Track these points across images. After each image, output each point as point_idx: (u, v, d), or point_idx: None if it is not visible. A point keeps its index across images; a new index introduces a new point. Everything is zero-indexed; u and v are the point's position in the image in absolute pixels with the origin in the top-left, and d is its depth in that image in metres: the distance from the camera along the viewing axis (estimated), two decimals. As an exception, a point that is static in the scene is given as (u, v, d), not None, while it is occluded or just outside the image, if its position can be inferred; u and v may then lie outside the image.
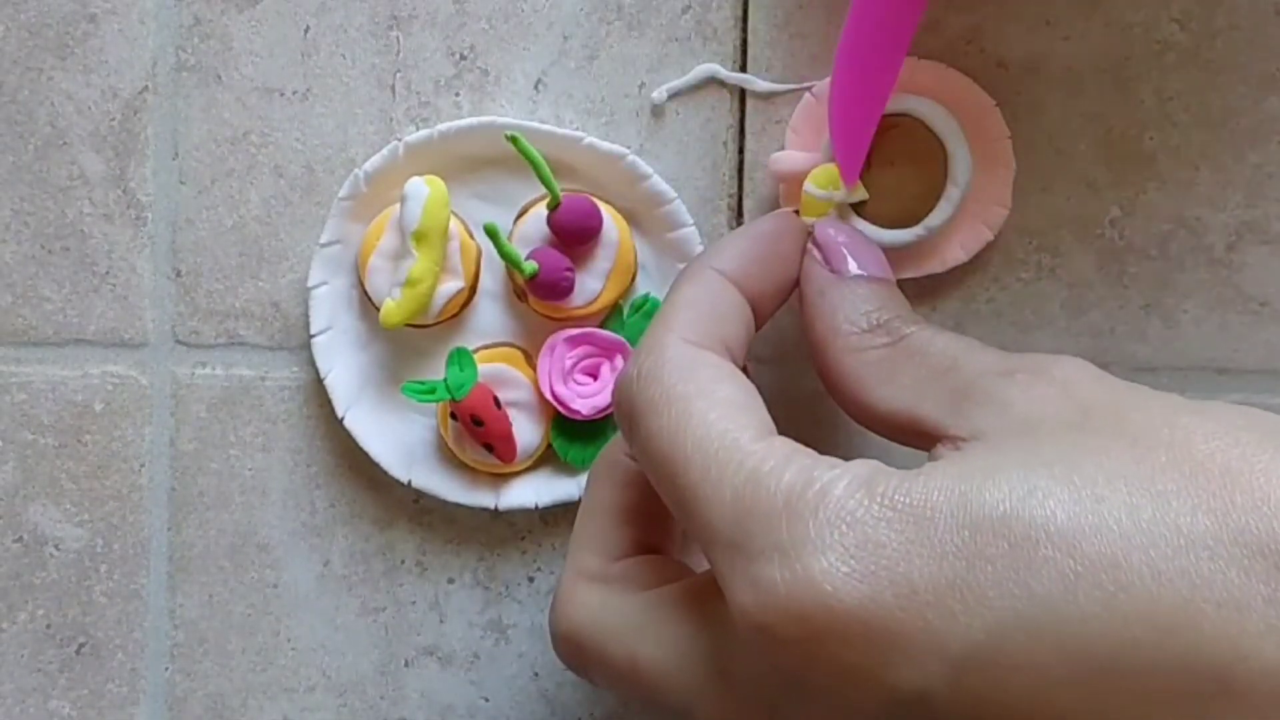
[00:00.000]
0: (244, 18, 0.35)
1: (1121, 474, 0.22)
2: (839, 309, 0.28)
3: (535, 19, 0.34)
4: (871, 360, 0.27)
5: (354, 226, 0.34)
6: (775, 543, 0.23)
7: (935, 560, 0.22)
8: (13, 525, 0.36)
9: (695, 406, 0.25)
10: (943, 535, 0.22)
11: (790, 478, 0.23)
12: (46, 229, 0.35)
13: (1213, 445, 0.22)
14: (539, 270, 0.32)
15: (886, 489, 0.23)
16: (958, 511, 0.22)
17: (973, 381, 0.26)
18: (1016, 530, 0.21)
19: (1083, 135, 0.33)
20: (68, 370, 0.36)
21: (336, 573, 0.36)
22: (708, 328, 0.28)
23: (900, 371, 0.27)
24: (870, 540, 0.22)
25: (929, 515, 0.22)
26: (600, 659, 0.27)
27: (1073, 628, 0.21)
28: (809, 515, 0.23)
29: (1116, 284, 0.34)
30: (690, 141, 0.34)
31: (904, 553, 0.22)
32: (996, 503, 0.22)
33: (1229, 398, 0.34)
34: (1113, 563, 0.21)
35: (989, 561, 0.21)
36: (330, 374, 0.34)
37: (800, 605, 0.22)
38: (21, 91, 0.35)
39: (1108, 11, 0.33)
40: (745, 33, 0.34)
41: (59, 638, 0.36)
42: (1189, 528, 0.21)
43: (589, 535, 0.30)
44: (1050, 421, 0.24)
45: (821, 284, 0.29)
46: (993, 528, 0.22)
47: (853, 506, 0.22)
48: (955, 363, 0.26)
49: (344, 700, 0.36)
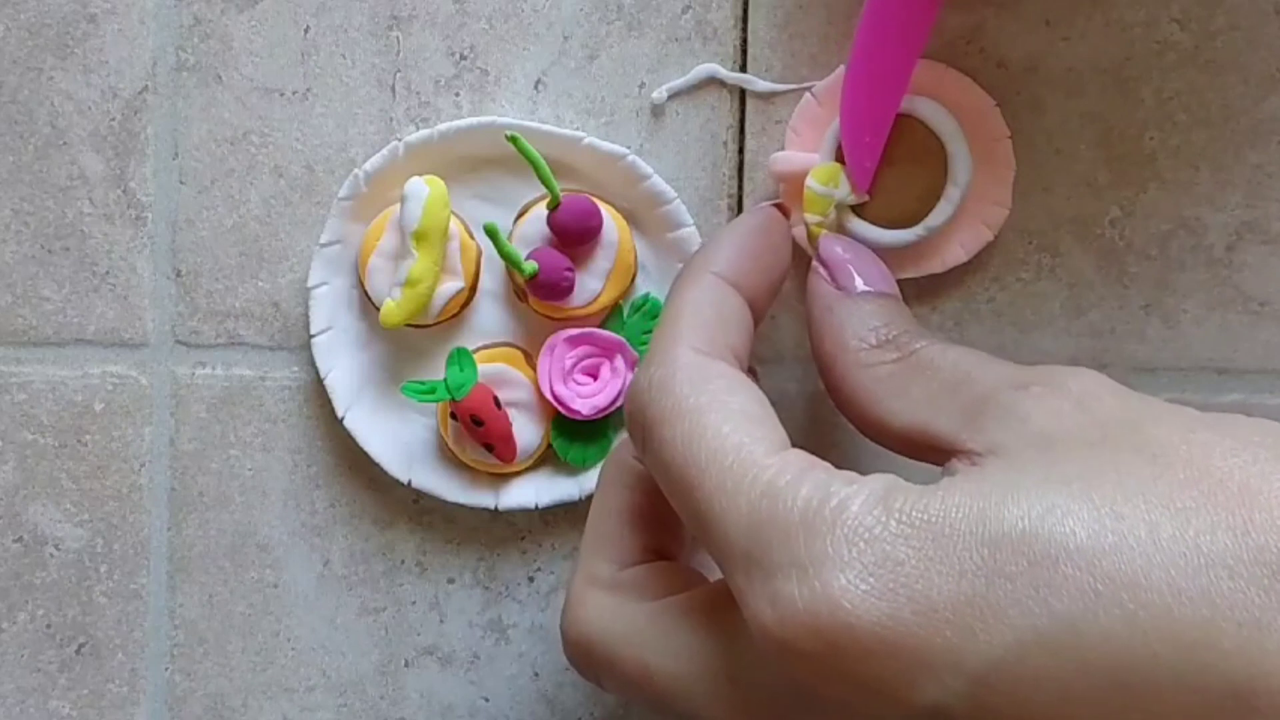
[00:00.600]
0: (244, 18, 0.35)
1: (1140, 491, 0.22)
2: (847, 325, 0.28)
3: (535, 19, 0.34)
4: (882, 376, 0.27)
5: (354, 226, 0.34)
6: (793, 558, 0.23)
7: (954, 577, 0.22)
8: (13, 525, 0.36)
9: (708, 419, 0.25)
10: (961, 552, 0.22)
11: (806, 492, 0.23)
12: (46, 229, 0.35)
13: (1231, 462, 0.22)
14: (539, 270, 0.32)
15: (904, 505, 0.23)
16: (976, 528, 0.22)
17: (987, 395, 0.25)
18: (1036, 547, 0.21)
19: (1083, 135, 0.33)
20: (68, 370, 0.36)
21: (336, 573, 0.36)
22: (715, 335, 0.28)
23: (911, 386, 0.27)
24: (888, 557, 0.22)
25: (947, 532, 0.22)
26: (611, 667, 0.27)
27: (1093, 645, 0.21)
28: (826, 531, 0.23)
29: (1116, 284, 0.34)
30: (690, 141, 0.34)
31: (922, 570, 0.22)
32: (1016, 520, 0.22)
33: (1229, 398, 0.34)
34: (1133, 581, 0.21)
35: (1008, 579, 0.21)
36: (330, 374, 0.34)
37: (819, 622, 0.22)
38: (21, 91, 0.35)
39: (1108, 11, 0.33)
40: (745, 33, 0.34)
41: (59, 638, 0.36)
42: (1209, 546, 0.21)
43: (599, 540, 0.30)
44: (1067, 437, 0.24)
45: (828, 301, 0.29)
46: (1012, 545, 0.22)
47: (870, 523, 0.22)
48: (967, 376, 0.26)
49: (344, 700, 0.36)
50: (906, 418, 0.27)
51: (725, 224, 0.34)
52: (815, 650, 0.22)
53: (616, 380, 0.34)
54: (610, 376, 0.34)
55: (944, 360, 0.27)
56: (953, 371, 0.27)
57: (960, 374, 0.26)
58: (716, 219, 0.34)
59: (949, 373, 0.27)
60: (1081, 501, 0.22)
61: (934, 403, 0.26)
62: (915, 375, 0.27)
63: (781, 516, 0.23)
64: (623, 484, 0.30)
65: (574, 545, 0.35)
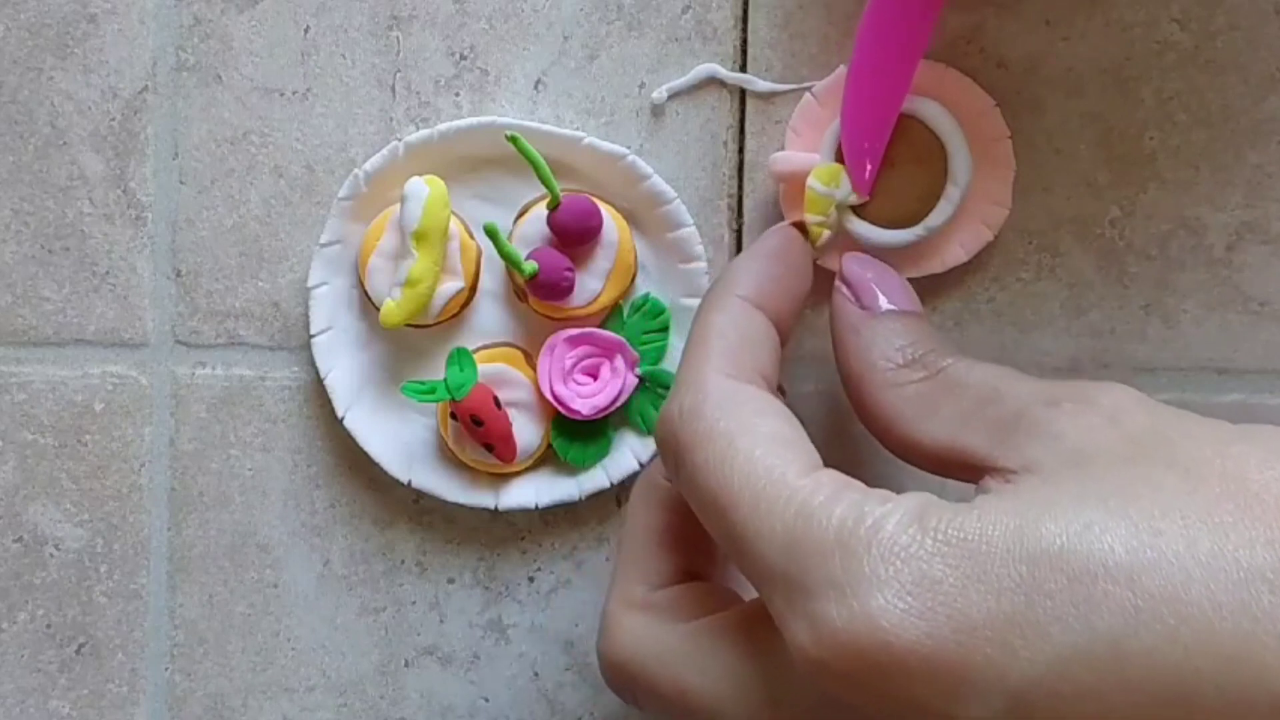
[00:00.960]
0: (244, 18, 0.35)
1: (1177, 506, 0.22)
2: (873, 345, 0.28)
3: (535, 19, 0.34)
4: (910, 395, 0.27)
5: (354, 226, 0.34)
6: (830, 579, 0.23)
7: (993, 595, 0.22)
8: (13, 525, 0.36)
9: (740, 443, 0.25)
10: (1000, 570, 0.22)
11: (841, 512, 0.23)
12: (46, 229, 0.35)
13: (1267, 475, 0.22)
14: (539, 270, 0.32)
15: (939, 523, 0.23)
16: (1014, 546, 0.22)
17: (1019, 412, 0.26)
18: (1075, 564, 0.22)
19: (1083, 135, 0.33)
20: (68, 370, 0.36)
21: (336, 573, 0.36)
22: (743, 359, 0.28)
23: (941, 405, 0.27)
24: (926, 576, 0.22)
25: (985, 550, 0.22)
26: (649, 688, 0.27)
27: (1135, 661, 0.21)
28: (863, 551, 0.23)
29: (1116, 284, 0.34)
30: (690, 141, 0.34)
31: (961, 588, 0.22)
32: (1054, 537, 0.22)
33: (1229, 398, 0.34)
34: (1173, 596, 0.21)
35: (1048, 596, 0.21)
36: (330, 374, 0.34)
37: (859, 642, 0.22)
38: (21, 91, 0.35)
39: (1108, 11, 0.33)
40: (745, 33, 0.34)
41: (59, 638, 0.36)
42: (1248, 561, 0.21)
43: (633, 561, 0.30)
44: (1101, 453, 0.24)
45: (853, 321, 0.29)
46: (1051, 562, 0.22)
47: (906, 541, 0.23)
48: (997, 393, 0.26)
49: (344, 700, 0.36)
50: (938, 436, 0.27)
51: (725, 224, 0.34)
52: (855, 670, 0.22)
53: (616, 380, 0.34)
54: (610, 376, 0.34)
55: (972, 378, 0.27)
56: (982, 389, 0.27)
57: (989, 391, 0.26)
58: (716, 219, 0.34)
59: (978, 390, 0.27)
60: (1119, 518, 0.22)
61: (965, 421, 0.26)
62: (944, 394, 0.27)
63: (817, 537, 0.23)
64: (654, 505, 0.30)
65: (574, 545, 0.35)
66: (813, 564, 0.23)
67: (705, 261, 0.34)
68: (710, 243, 0.34)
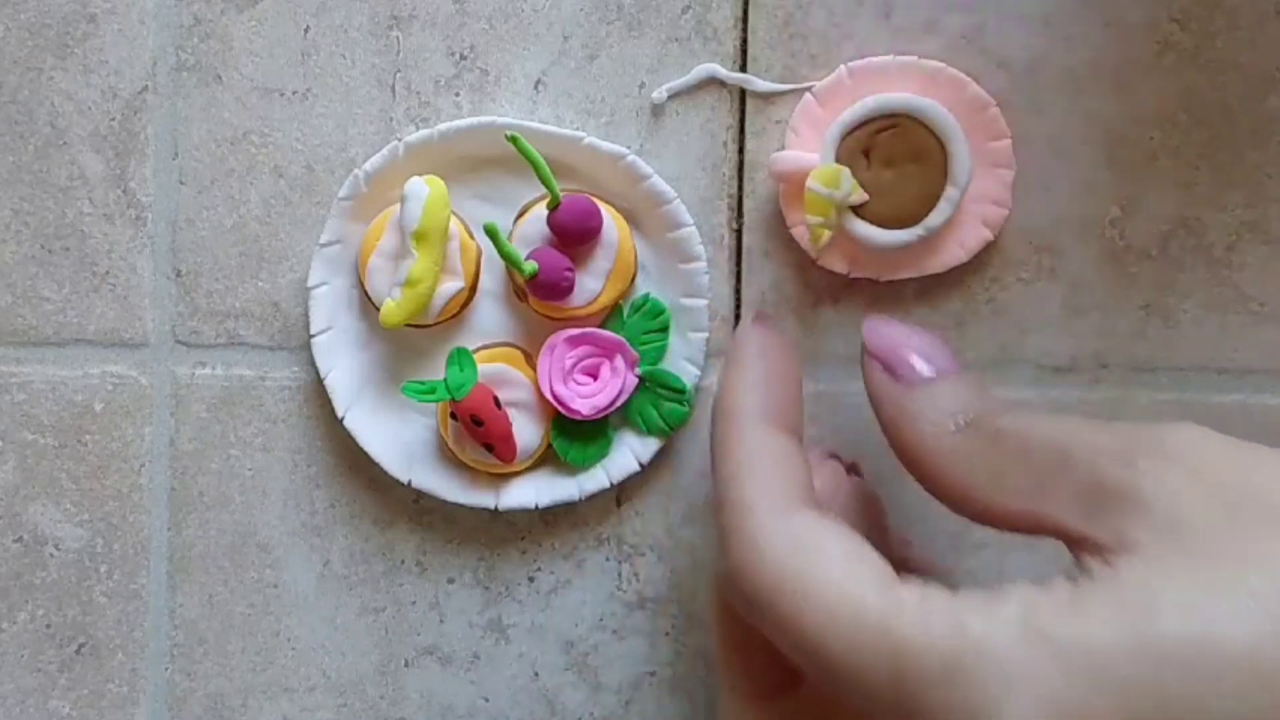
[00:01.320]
0: (244, 18, 0.35)
1: None
2: (920, 418, 0.27)
3: (535, 19, 0.34)
4: (976, 465, 0.26)
5: (354, 226, 0.34)
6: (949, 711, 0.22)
7: (1120, 700, 0.21)
8: (13, 525, 0.36)
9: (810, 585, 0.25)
10: (1124, 675, 0.22)
11: (939, 633, 0.23)
12: (46, 229, 0.35)
13: None
14: (539, 270, 0.32)
15: (1048, 628, 0.22)
16: (1133, 647, 0.22)
17: (1096, 479, 0.25)
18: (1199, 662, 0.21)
19: (1083, 135, 0.33)
20: (68, 370, 0.36)
21: (336, 573, 0.36)
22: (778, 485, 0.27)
23: (1009, 474, 0.26)
24: (1047, 694, 0.22)
25: (1103, 654, 0.22)
26: None
27: None
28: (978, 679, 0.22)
29: (1116, 284, 0.34)
30: (690, 141, 0.34)
31: (1085, 700, 0.22)
32: (1173, 634, 0.22)
33: (1229, 398, 0.34)
34: None
35: (1175, 697, 0.21)
36: (330, 374, 0.34)
37: None
38: (21, 91, 0.35)
39: (1108, 11, 0.33)
40: (745, 33, 0.34)
41: (59, 638, 0.36)
42: None
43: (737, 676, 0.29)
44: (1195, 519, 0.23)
45: (895, 399, 0.28)
46: (1173, 660, 0.21)
47: (1018, 657, 0.22)
48: (1065, 456, 0.25)
49: (344, 700, 0.36)
50: (1014, 506, 0.26)
51: (725, 225, 0.34)
52: None
53: (616, 380, 0.34)
54: (610, 376, 0.34)
55: (1033, 439, 0.26)
56: (1047, 452, 0.26)
57: (1056, 454, 0.26)
58: (716, 219, 0.34)
59: (1043, 454, 0.26)
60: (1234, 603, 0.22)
61: (1042, 490, 0.25)
62: (1010, 462, 0.26)
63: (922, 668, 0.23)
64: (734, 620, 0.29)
65: (574, 545, 0.35)
66: (927, 697, 0.23)
67: (705, 261, 0.34)
68: (710, 243, 0.34)
